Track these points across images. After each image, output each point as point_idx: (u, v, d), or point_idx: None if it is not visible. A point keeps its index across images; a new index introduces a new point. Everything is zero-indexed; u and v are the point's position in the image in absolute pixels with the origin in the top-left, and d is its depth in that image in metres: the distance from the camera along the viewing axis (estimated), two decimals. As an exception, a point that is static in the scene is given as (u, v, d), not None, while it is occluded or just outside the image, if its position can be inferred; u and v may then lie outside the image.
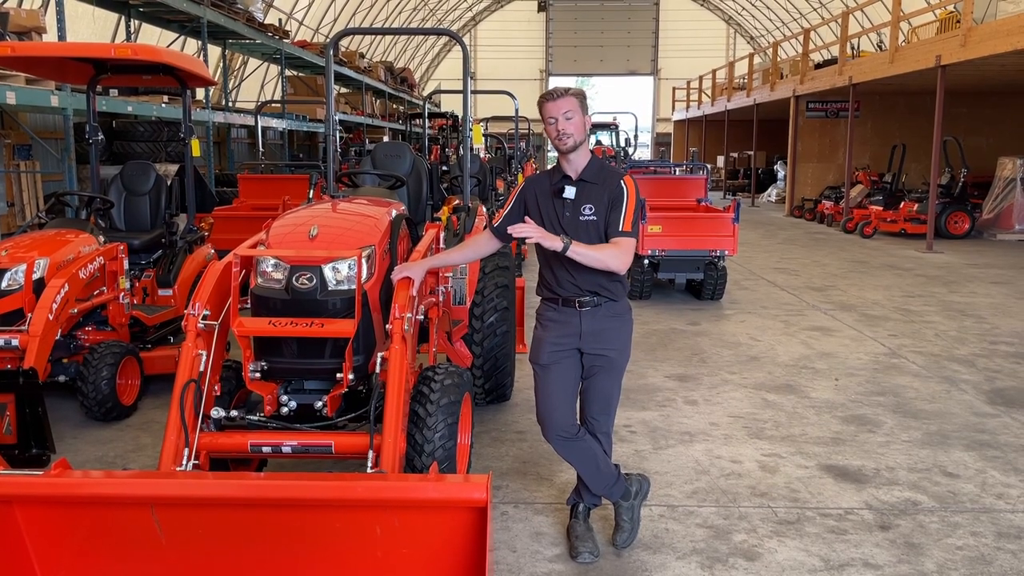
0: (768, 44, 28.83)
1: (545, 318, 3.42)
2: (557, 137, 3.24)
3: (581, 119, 3.25)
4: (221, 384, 3.52)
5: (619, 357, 3.41)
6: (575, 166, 3.32)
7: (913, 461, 4.60)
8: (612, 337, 3.37)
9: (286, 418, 3.47)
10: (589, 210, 3.27)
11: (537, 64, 43.54)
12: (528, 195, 3.41)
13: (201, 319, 3.35)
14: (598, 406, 3.44)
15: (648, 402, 5.62)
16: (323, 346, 3.45)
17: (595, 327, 3.33)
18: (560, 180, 3.34)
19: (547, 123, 3.26)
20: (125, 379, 5.24)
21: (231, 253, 3.55)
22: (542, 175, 3.47)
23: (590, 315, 3.32)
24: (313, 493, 2.58)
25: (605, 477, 3.48)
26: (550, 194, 3.35)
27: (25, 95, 8.08)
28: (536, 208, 3.36)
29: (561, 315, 3.36)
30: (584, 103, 3.28)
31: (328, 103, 5.04)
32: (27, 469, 3.47)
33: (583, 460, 3.41)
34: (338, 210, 4.08)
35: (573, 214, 3.28)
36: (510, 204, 3.43)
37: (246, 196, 10.44)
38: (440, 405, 3.48)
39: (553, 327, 3.38)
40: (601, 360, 3.36)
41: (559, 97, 3.23)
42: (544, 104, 3.25)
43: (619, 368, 3.43)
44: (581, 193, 3.29)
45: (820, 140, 20.70)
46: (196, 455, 3.23)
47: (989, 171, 16.50)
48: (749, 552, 3.55)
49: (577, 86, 4.59)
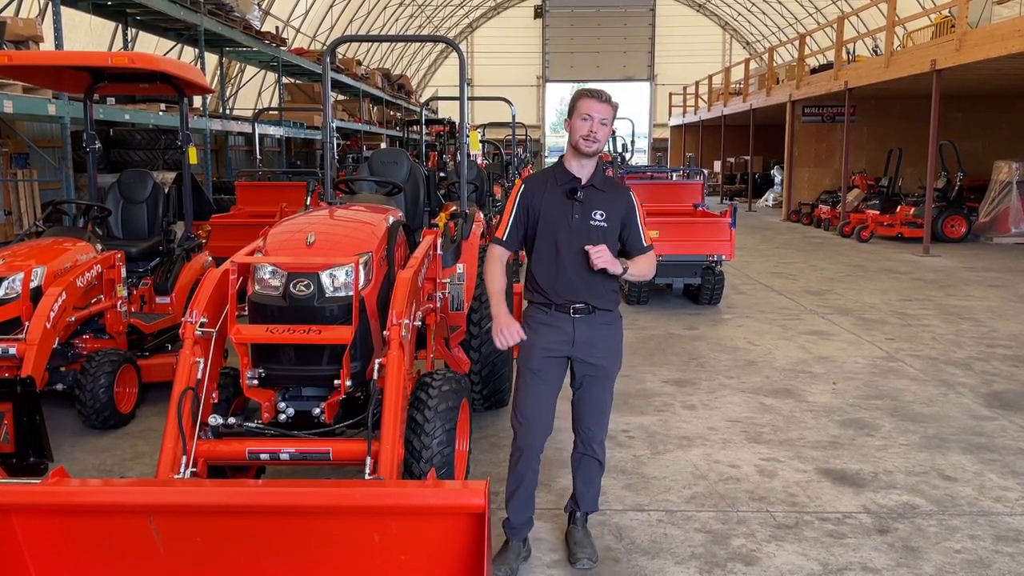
0: (764, 49, 28.93)
1: (536, 321, 3.35)
2: (587, 136, 3.19)
3: (609, 131, 3.27)
4: (219, 391, 3.51)
5: (611, 365, 3.39)
6: (586, 171, 3.30)
7: (911, 464, 4.60)
8: (605, 345, 3.35)
9: (284, 425, 3.46)
10: (600, 216, 3.27)
11: (534, 70, 43.62)
12: (529, 198, 3.34)
13: (199, 327, 3.35)
14: (593, 417, 3.41)
15: (646, 407, 5.62)
16: (321, 353, 3.44)
17: (588, 335, 3.31)
18: (569, 182, 3.29)
19: (580, 118, 3.20)
20: (123, 387, 5.24)
21: (228, 260, 3.55)
22: (540, 176, 3.42)
23: (583, 322, 3.30)
24: (311, 500, 2.57)
25: (595, 488, 3.56)
26: (558, 195, 3.29)
27: (22, 104, 8.09)
28: (540, 210, 3.30)
29: (554, 320, 3.31)
30: (615, 118, 3.32)
31: (325, 110, 5.07)
32: (25, 478, 3.46)
33: (529, 480, 3.39)
34: (335, 217, 4.08)
35: (583, 217, 3.26)
36: (511, 211, 3.36)
37: (244, 204, 10.48)
38: (438, 411, 3.48)
39: (545, 332, 3.32)
40: (593, 369, 3.34)
41: (605, 100, 3.21)
42: (587, 100, 3.21)
43: (611, 377, 3.41)
44: (592, 198, 3.28)
45: (817, 145, 20.79)
46: (194, 463, 3.22)
47: (985, 175, 16.56)
48: (747, 557, 3.55)
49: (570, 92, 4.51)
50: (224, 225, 9.41)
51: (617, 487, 4.27)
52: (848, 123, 16.98)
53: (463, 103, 5.01)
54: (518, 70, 42.03)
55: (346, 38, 5.57)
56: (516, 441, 3.38)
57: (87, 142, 6.04)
